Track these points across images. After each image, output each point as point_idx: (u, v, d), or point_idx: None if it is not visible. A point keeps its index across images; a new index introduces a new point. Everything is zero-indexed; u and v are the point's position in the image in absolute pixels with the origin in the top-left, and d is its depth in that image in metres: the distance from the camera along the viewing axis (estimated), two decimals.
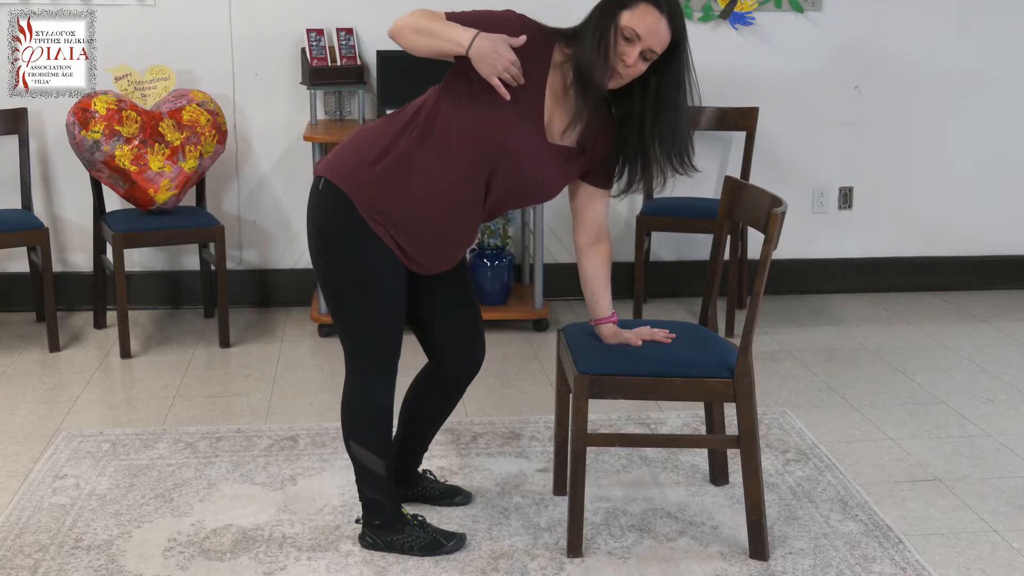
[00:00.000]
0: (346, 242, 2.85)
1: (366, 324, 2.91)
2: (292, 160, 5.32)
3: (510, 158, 2.80)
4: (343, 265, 2.88)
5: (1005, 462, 3.75)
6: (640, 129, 2.82)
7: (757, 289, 2.97)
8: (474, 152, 2.78)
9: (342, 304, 2.92)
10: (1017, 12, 5.57)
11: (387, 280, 2.88)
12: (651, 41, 2.70)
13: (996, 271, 5.85)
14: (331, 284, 2.91)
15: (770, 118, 5.43)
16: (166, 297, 5.46)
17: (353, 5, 5.21)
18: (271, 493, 3.47)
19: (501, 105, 2.75)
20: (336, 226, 2.85)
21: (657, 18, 2.69)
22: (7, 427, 4.00)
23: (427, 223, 2.85)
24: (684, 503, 3.43)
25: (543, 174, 2.87)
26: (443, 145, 2.79)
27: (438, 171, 2.80)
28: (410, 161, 2.80)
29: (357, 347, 2.95)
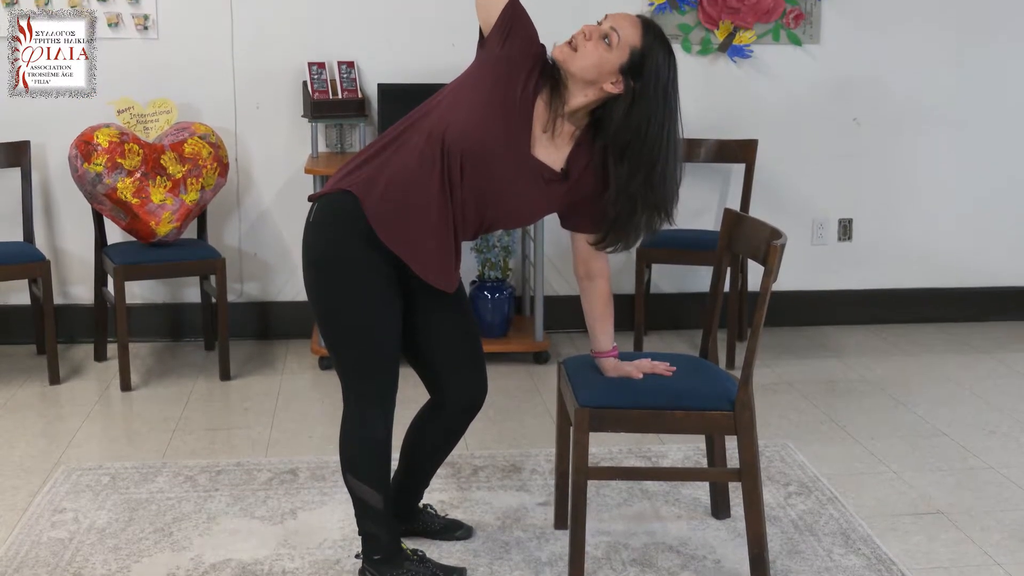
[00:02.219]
0: (342, 273, 2.84)
1: (363, 358, 2.90)
2: (293, 193, 5.32)
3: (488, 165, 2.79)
4: (339, 299, 2.86)
5: (1008, 495, 3.73)
6: (620, 189, 2.85)
7: (757, 321, 2.96)
8: (451, 152, 2.77)
9: (338, 338, 2.90)
10: (1015, 44, 5.59)
11: (383, 313, 2.87)
12: (616, 24, 2.77)
13: (996, 302, 5.85)
14: (327, 318, 2.90)
15: (769, 150, 5.44)
16: (167, 330, 5.45)
17: (354, 38, 5.24)
18: (271, 527, 3.45)
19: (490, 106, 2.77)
20: (331, 248, 2.84)
21: (633, 21, 2.79)
22: (6, 460, 3.98)
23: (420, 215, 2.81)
24: (686, 537, 3.41)
25: (520, 189, 2.86)
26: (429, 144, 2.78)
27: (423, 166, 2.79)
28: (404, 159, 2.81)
29: (353, 380, 2.93)
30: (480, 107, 2.76)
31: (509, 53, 2.77)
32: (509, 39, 2.76)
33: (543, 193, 2.89)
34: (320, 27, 5.22)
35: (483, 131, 2.76)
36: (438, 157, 2.77)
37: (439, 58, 5.19)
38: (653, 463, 3.96)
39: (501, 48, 2.76)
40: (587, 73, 2.76)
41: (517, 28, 2.77)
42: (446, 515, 3.46)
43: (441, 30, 5.21)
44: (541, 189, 2.88)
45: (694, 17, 5.38)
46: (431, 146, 2.77)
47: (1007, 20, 5.57)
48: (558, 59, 2.77)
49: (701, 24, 5.38)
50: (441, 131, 2.76)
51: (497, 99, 2.78)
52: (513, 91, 2.79)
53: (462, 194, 2.82)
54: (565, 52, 2.77)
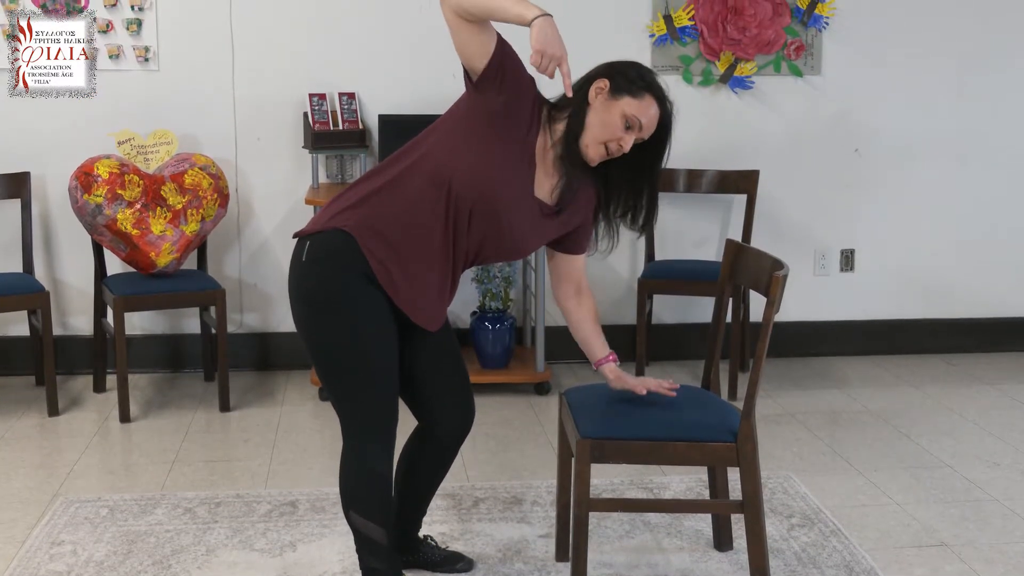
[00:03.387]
0: (338, 310, 2.83)
1: (361, 395, 2.89)
2: (294, 224, 5.28)
3: (494, 208, 2.81)
4: (335, 335, 2.85)
5: (1012, 527, 3.72)
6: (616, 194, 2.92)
7: (759, 352, 2.97)
8: (461, 198, 2.78)
9: (336, 378, 2.89)
10: (1013, 76, 5.62)
11: (380, 348, 2.86)
12: (648, 129, 2.82)
13: (999, 333, 5.85)
14: (323, 354, 2.88)
15: (771, 181, 5.45)
16: (166, 361, 5.45)
17: (355, 70, 5.26)
18: (270, 560, 3.44)
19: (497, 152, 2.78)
20: (324, 285, 2.83)
21: (657, 110, 2.82)
22: (4, 492, 3.97)
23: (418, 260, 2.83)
24: (688, 569, 3.40)
25: (521, 226, 2.88)
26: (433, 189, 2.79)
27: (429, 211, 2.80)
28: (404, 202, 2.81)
29: (351, 415, 2.92)
30: (488, 157, 2.76)
31: (509, 99, 2.76)
32: (505, 83, 2.74)
33: (540, 229, 2.93)
34: (321, 59, 5.26)
35: (494, 182, 2.78)
36: (444, 205, 2.78)
37: (439, 89, 5.20)
38: (655, 495, 3.95)
39: (499, 94, 2.74)
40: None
41: (510, 74, 2.74)
42: (447, 547, 3.45)
43: (441, 61, 5.20)
44: (540, 225, 2.92)
45: (695, 48, 5.41)
46: (436, 193, 2.78)
47: (1006, 53, 5.60)
48: (591, 159, 2.82)
49: (702, 55, 5.41)
50: (447, 179, 2.77)
51: (505, 150, 2.79)
52: (519, 139, 2.81)
53: (467, 241, 2.84)
54: (596, 154, 2.82)
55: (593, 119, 2.80)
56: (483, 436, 3.22)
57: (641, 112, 2.78)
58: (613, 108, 2.79)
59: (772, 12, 5.41)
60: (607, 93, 2.80)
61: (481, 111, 2.77)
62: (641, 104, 2.79)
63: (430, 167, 2.80)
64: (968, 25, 5.55)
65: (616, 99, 2.79)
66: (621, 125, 2.79)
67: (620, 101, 2.79)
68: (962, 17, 5.54)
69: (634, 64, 2.88)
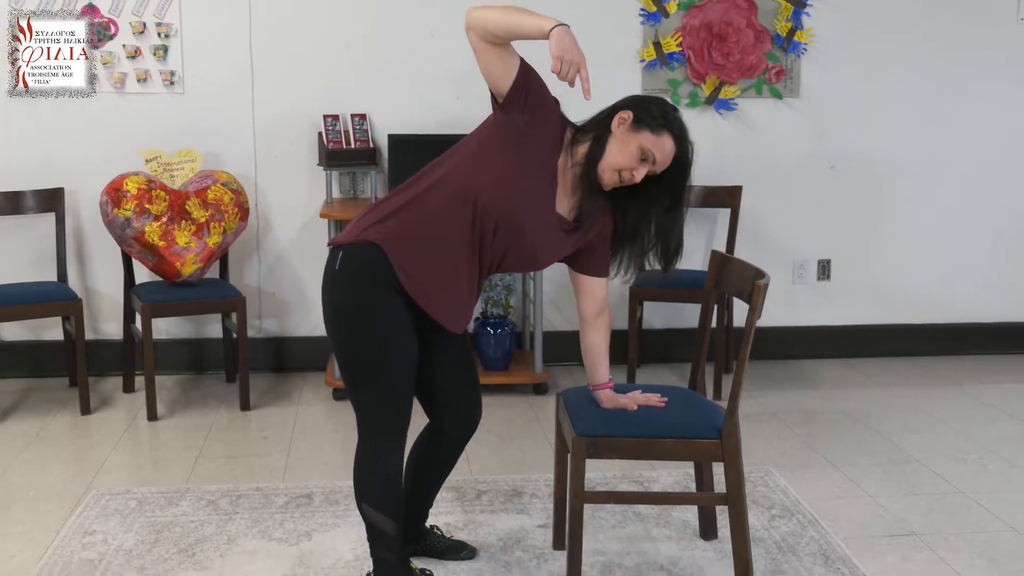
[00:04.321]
0: (367, 322, 2.82)
1: (381, 397, 2.88)
2: (309, 236, 5.35)
3: (518, 220, 2.81)
4: (363, 345, 2.84)
5: (977, 518, 3.73)
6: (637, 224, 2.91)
7: (742, 355, 2.98)
8: (486, 210, 2.78)
9: (359, 379, 2.88)
10: (975, 101, 5.63)
11: (401, 356, 2.86)
12: (662, 164, 2.81)
13: (964, 338, 5.86)
14: (349, 363, 2.88)
15: (753, 196, 5.47)
16: (190, 363, 5.46)
17: (366, 92, 5.28)
18: (287, 548, 3.44)
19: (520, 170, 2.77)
20: (356, 297, 2.83)
21: (673, 147, 2.81)
22: (40, 486, 3.98)
23: (443, 268, 2.83)
24: (676, 557, 3.40)
25: (542, 239, 2.88)
26: (458, 202, 2.79)
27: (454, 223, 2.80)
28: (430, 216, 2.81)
29: (370, 417, 2.92)
30: (512, 174, 2.75)
31: (532, 120, 2.75)
32: (528, 105, 2.73)
33: (560, 243, 2.91)
34: (334, 82, 5.27)
35: (518, 198, 2.77)
36: (471, 217, 2.78)
37: (445, 110, 5.24)
38: (645, 488, 3.96)
39: (522, 114, 2.73)
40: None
41: (533, 93, 2.74)
42: (451, 536, 3.46)
43: (447, 84, 5.25)
44: (559, 240, 2.90)
45: (683, 72, 5.42)
46: (463, 206, 2.77)
47: (966, 81, 5.61)
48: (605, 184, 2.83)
49: (689, 79, 5.43)
50: (474, 193, 2.76)
51: (529, 168, 2.79)
52: (543, 157, 2.81)
53: (491, 251, 2.84)
54: (611, 180, 2.82)
55: (612, 147, 2.79)
56: (485, 433, 3.23)
57: (657, 147, 2.77)
58: (632, 140, 2.78)
59: (754, 39, 5.42)
60: (629, 124, 2.79)
61: (506, 130, 2.76)
62: (658, 140, 2.78)
63: (458, 182, 2.79)
64: (933, 55, 5.56)
65: (636, 132, 2.78)
66: (637, 156, 2.77)
67: (639, 134, 2.78)
68: (927, 48, 5.55)
69: (659, 100, 2.87)
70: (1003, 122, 5.67)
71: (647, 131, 2.78)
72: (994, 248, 5.79)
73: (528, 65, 2.75)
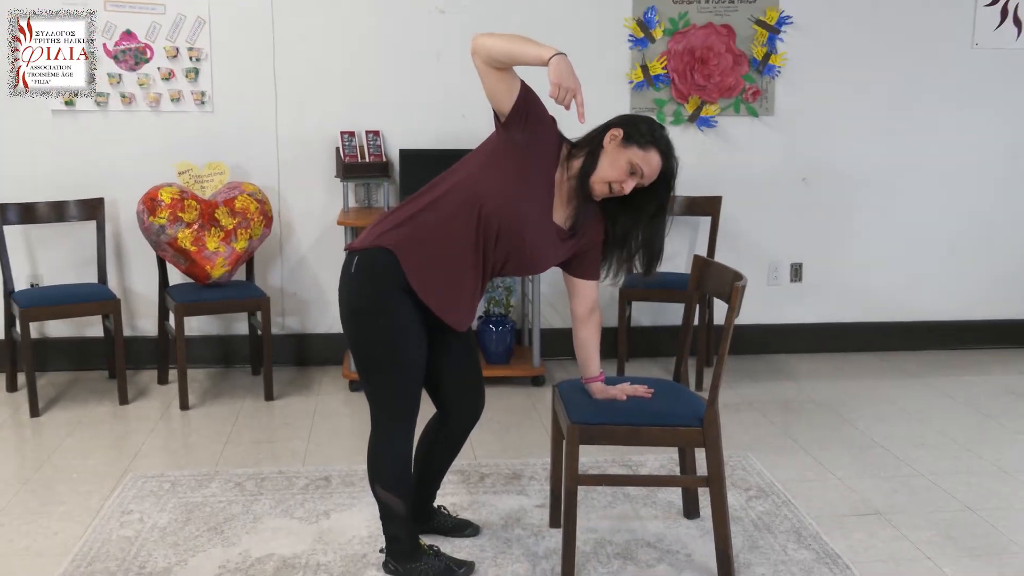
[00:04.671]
0: (380, 320, 2.82)
1: (392, 388, 2.89)
2: (327, 241, 5.34)
3: (519, 228, 2.80)
4: (377, 341, 2.84)
5: (936, 498, 3.72)
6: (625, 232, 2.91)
7: (722, 350, 2.97)
8: (489, 219, 2.78)
9: (372, 372, 2.88)
10: (933, 119, 5.63)
11: (411, 351, 2.86)
12: (649, 178, 2.81)
13: (924, 334, 5.85)
14: (364, 357, 2.88)
15: (732, 205, 5.46)
16: (219, 357, 5.45)
17: (379, 111, 5.27)
18: (308, 526, 3.44)
19: (521, 182, 2.76)
20: (369, 296, 2.82)
21: (660, 162, 2.81)
22: (82, 469, 3.98)
23: (450, 272, 2.83)
24: (661, 534, 3.40)
25: (541, 246, 2.88)
26: (465, 212, 2.79)
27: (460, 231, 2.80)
28: (439, 224, 2.81)
29: (383, 407, 2.92)
30: (513, 186, 2.75)
31: (532, 138, 2.75)
32: (528, 124, 2.73)
33: (556, 249, 2.91)
34: (350, 101, 5.26)
35: (519, 208, 2.76)
36: (475, 226, 2.78)
37: (451, 127, 5.23)
38: (633, 471, 3.95)
39: (522, 133, 2.73)
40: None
41: (533, 114, 2.74)
42: (457, 515, 3.45)
43: (453, 104, 5.24)
44: (556, 246, 2.90)
45: (668, 93, 5.42)
46: (468, 216, 2.77)
47: (924, 100, 5.60)
48: (596, 195, 2.82)
49: (673, 99, 5.42)
50: (478, 204, 2.76)
51: (528, 180, 2.79)
52: (541, 171, 2.81)
53: (494, 256, 2.84)
54: (602, 191, 2.82)
55: (604, 161, 2.79)
56: (488, 421, 3.22)
57: (644, 162, 2.77)
58: (622, 155, 2.78)
59: (732, 62, 5.42)
60: (619, 141, 2.79)
61: (508, 147, 2.76)
62: (646, 155, 2.78)
63: (463, 194, 2.79)
64: (895, 77, 5.55)
65: (626, 148, 2.78)
66: (626, 170, 2.78)
67: (628, 150, 2.78)
68: (890, 71, 5.54)
69: (648, 119, 2.86)
70: (959, 138, 5.66)
71: (636, 147, 2.78)
72: (952, 253, 5.78)
73: (528, 87, 2.75)
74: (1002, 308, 5.89)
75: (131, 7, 5.03)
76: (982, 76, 5.60)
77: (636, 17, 5.34)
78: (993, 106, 5.65)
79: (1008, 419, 4.64)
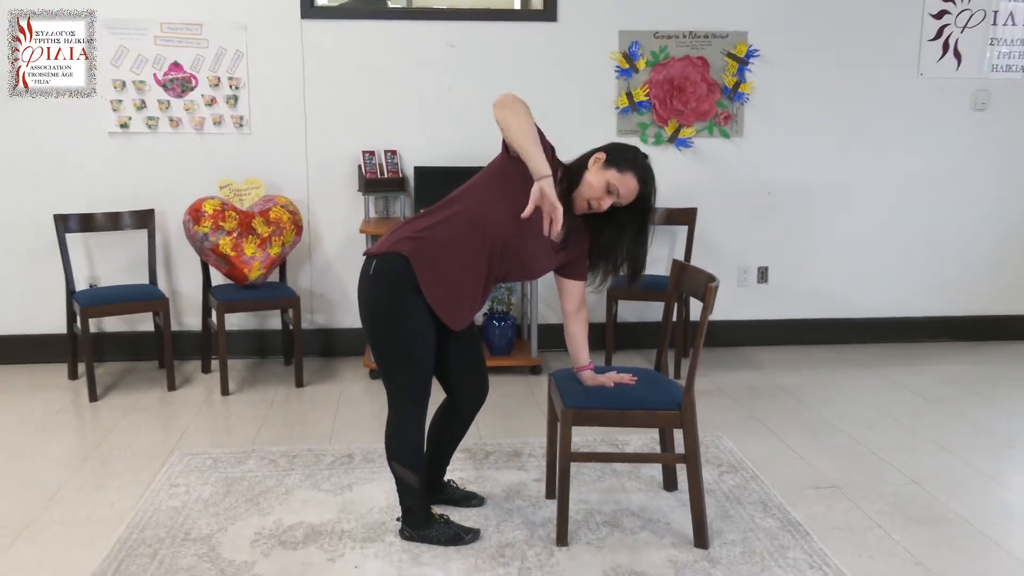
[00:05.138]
0: (395, 318, 2.82)
1: (407, 374, 2.89)
2: (351, 247, 5.34)
3: (522, 244, 2.82)
4: (393, 336, 2.84)
5: (884, 473, 3.72)
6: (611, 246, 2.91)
7: (697, 343, 2.97)
8: (496, 236, 2.79)
9: (389, 364, 2.88)
10: (883, 140, 5.62)
11: (425, 342, 2.87)
12: (625, 198, 2.81)
13: (874, 329, 5.84)
14: (382, 348, 2.88)
15: (706, 216, 5.46)
16: (256, 350, 5.45)
17: (397, 133, 5.27)
18: (333, 497, 3.44)
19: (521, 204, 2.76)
20: (386, 299, 2.82)
21: (636, 185, 2.80)
22: (135, 448, 3.98)
23: (458, 282, 2.83)
24: (644, 505, 3.40)
25: (538, 258, 2.89)
26: (476, 230, 2.80)
27: (470, 246, 2.81)
28: (451, 239, 2.81)
29: (398, 393, 2.92)
30: (515, 206, 2.73)
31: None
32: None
33: (549, 259, 2.93)
34: (370, 125, 5.25)
35: (519, 225, 2.75)
36: (482, 240, 2.79)
37: (460, 148, 5.23)
38: (620, 449, 3.95)
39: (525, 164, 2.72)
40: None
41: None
42: (464, 488, 3.45)
43: (461, 127, 5.24)
44: (549, 257, 2.92)
45: (650, 117, 5.41)
46: (475, 232, 2.78)
47: (879, 122, 5.60)
48: (577, 211, 2.82)
49: (655, 122, 5.42)
50: (484, 221, 2.78)
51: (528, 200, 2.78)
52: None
53: (499, 268, 2.85)
54: (582, 207, 2.82)
55: (586, 179, 2.80)
56: (491, 406, 3.23)
57: (621, 183, 2.78)
58: (601, 176, 2.79)
59: (707, 90, 5.41)
60: (602, 163, 2.80)
61: (511, 172, 2.77)
62: (623, 178, 2.78)
63: (472, 212, 2.80)
64: (849, 103, 5.54)
65: (606, 169, 2.79)
66: (603, 188, 2.78)
67: (608, 171, 2.79)
68: (845, 98, 5.53)
69: (633, 148, 2.86)
70: (905, 157, 5.65)
71: (615, 170, 2.79)
72: (899, 258, 5.78)
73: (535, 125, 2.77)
74: (943, 306, 5.89)
75: (178, 42, 5.03)
76: (926, 102, 5.60)
77: (622, 51, 5.34)
78: (935, 129, 5.64)
79: (948, 404, 4.64)
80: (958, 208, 5.77)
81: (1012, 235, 5.83)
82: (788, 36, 5.44)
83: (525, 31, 5.25)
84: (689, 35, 5.36)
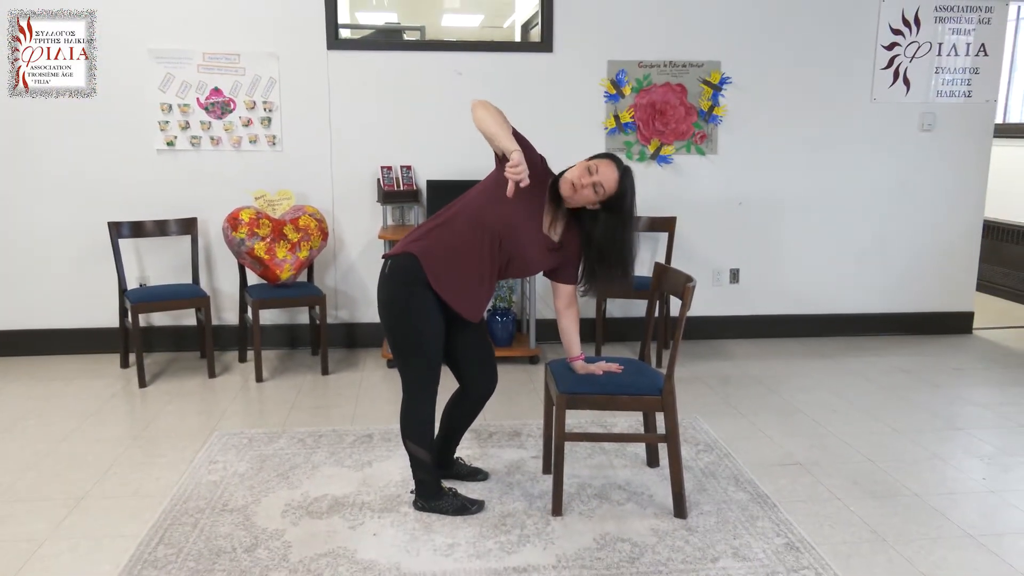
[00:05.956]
0: (407, 311, 2.81)
1: (419, 363, 2.88)
2: (371, 251, 5.32)
3: (516, 237, 2.81)
4: (406, 327, 2.84)
5: (844, 452, 3.70)
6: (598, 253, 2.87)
7: (677, 337, 2.95)
8: (493, 232, 2.78)
9: (403, 353, 2.88)
10: (840, 157, 5.60)
11: (434, 335, 2.86)
12: (603, 179, 2.76)
13: (833, 324, 5.82)
14: (396, 340, 2.87)
15: (684, 224, 5.44)
16: (286, 341, 5.43)
17: (411, 150, 5.25)
18: (355, 473, 3.42)
19: (519, 204, 2.76)
20: (400, 295, 2.81)
21: (614, 173, 2.78)
22: (179, 428, 3.96)
23: (462, 273, 2.82)
24: (630, 479, 3.38)
25: (534, 253, 2.88)
26: (473, 227, 2.79)
27: (469, 241, 2.80)
28: (452, 236, 2.81)
29: (411, 380, 2.91)
30: (514, 208, 2.75)
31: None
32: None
33: (546, 256, 2.91)
34: (388, 143, 5.24)
35: (517, 225, 2.77)
36: (483, 238, 2.78)
37: (468, 163, 5.21)
38: (608, 430, 3.94)
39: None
40: (580, 204, 2.83)
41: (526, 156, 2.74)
42: (471, 464, 3.44)
43: (469, 145, 5.22)
44: (545, 254, 2.90)
45: (635, 137, 5.39)
46: (477, 231, 2.78)
47: (837, 141, 5.58)
48: (563, 194, 2.79)
49: (639, 141, 5.40)
50: (485, 222, 2.77)
51: (525, 204, 2.79)
52: (535, 196, 2.81)
53: (500, 260, 2.83)
54: (567, 190, 2.79)
55: (572, 168, 2.82)
56: (495, 392, 3.23)
57: (600, 165, 2.77)
58: (583, 163, 2.81)
59: (685, 113, 5.39)
60: (585, 158, 2.83)
61: (504, 179, 2.76)
62: (600, 163, 2.79)
63: (474, 214, 2.80)
64: (809, 124, 5.52)
65: (588, 160, 2.81)
66: (584, 169, 2.78)
67: (589, 161, 2.81)
68: (806, 120, 5.51)
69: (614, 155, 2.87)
70: (861, 171, 5.63)
71: (596, 158, 2.81)
72: (856, 260, 5.76)
73: (520, 135, 2.75)
74: (895, 303, 5.86)
75: (219, 70, 5.01)
76: (879, 124, 5.57)
77: (610, 78, 5.32)
78: (887, 147, 5.62)
79: (900, 391, 4.62)
80: (907, 216, 5.75)
81: (954, 240, 5.81)
82: (757, 65, 5.42)
83: (524, 61, 5.23)
84: (669, 64, 5.34)
